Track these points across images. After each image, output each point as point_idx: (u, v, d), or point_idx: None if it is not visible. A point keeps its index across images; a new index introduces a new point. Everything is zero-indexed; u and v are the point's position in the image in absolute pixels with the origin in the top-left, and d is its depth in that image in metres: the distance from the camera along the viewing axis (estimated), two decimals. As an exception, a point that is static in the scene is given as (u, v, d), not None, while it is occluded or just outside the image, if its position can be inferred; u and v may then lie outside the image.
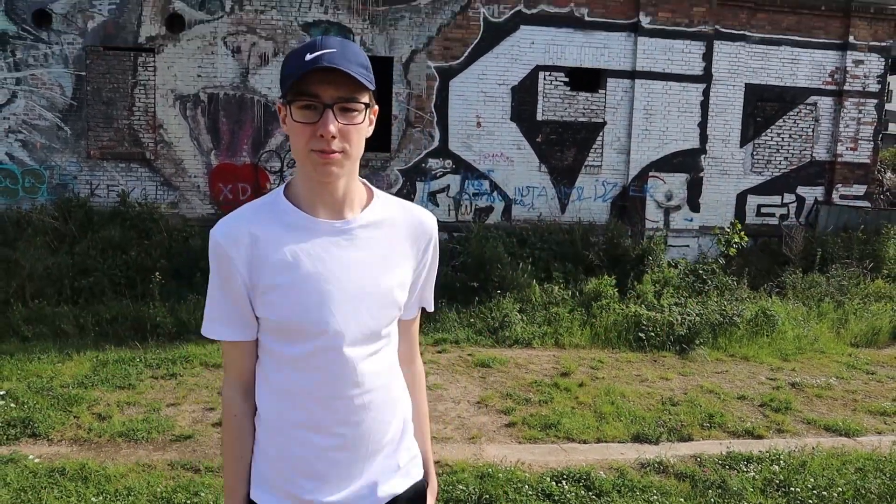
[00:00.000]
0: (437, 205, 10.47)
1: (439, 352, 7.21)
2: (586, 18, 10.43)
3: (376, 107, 1.48)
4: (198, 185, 10.38)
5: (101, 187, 10.40)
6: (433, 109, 10.28)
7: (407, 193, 10.34)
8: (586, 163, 10.71)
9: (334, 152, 1.40)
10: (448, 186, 10.49)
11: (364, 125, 1.45)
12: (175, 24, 10.15)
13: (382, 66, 10.45)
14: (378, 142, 11.15)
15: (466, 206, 10.55)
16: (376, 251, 1.53)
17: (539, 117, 10.53)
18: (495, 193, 10.58)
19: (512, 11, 10.27)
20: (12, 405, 5.37)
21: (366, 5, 10.06)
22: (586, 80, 10.76)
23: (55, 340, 7.32)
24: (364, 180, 1.57)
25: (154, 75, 10.23)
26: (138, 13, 10.10)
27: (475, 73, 10.30)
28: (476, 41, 10.24)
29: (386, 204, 1.58)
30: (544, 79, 10.46)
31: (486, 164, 10.47)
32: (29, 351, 6.93)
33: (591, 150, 10.71)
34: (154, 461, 4.54)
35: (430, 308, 1.75)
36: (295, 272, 1.45)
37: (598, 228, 10.24)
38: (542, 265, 9.37)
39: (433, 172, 10.42)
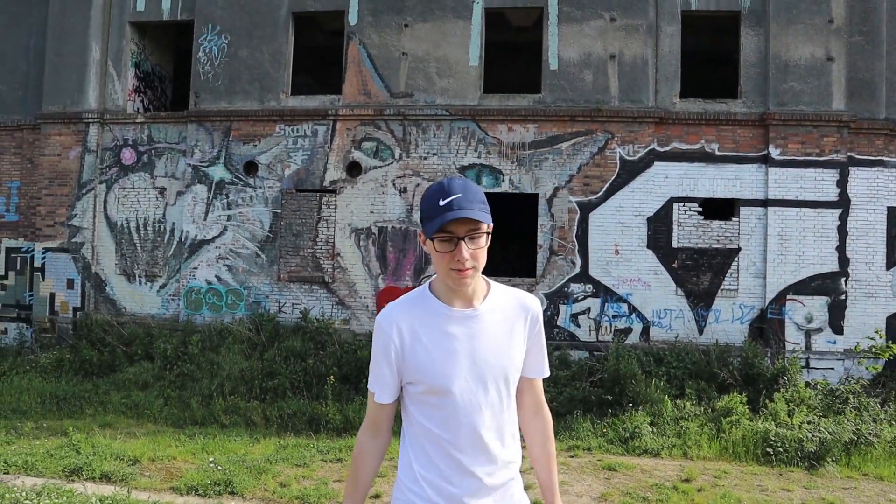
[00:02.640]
0: (579, 326, 12.18)
1: (571, 456, 8.66)
2: (717, 153, 12.12)
3: (491, 226, 2.17)
4: (367, 304, 12.84)
5: (287, 305, 13.15)
6: (574, 239, 12.24)
7: (551, 315, 12.16)
8: (722, 287, 12.06)
9: (468, 269, 2.11)
10: (589, 309, 12.21)
11: (485, 246, 2.15)
12: (353, 169, 13.03)
13: (528, 201, 12.69)
14: (525, 268, 13.25)
15: (606, 328, 12.17)
16: (497, 328, 2.25)
17: (674, 244, 12.13)
18: (634, 316, 12.15)
19: (646, 150, 12.21)
20: (218, 469, 7.58)
21: (513, 150, 12.43)
22: (719, 208, 12.33)
23: (246, 428, 9.66)
24: (484, 276, 2.29)
25: (335, 212, 13.06)
26: (325, 162, 13.10)
27: (613, 205, 12.20)
28: (613, 177, 12.22)
29: (501, 293, 2.32)
30: (678, 209, 12.14)
31: (624, 289, 12.14)
32: (227, 434, 9.30)
33: (727, 275, 12.06)
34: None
35: (546, 374, 2.46)
36: (435, 344, 2.20)
37: (735, 350, 11.44)
38: (676, 383, 10.72)
39: (575, 296, 12.22)
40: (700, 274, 12.08)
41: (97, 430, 9.19)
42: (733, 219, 12.13)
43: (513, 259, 15.57)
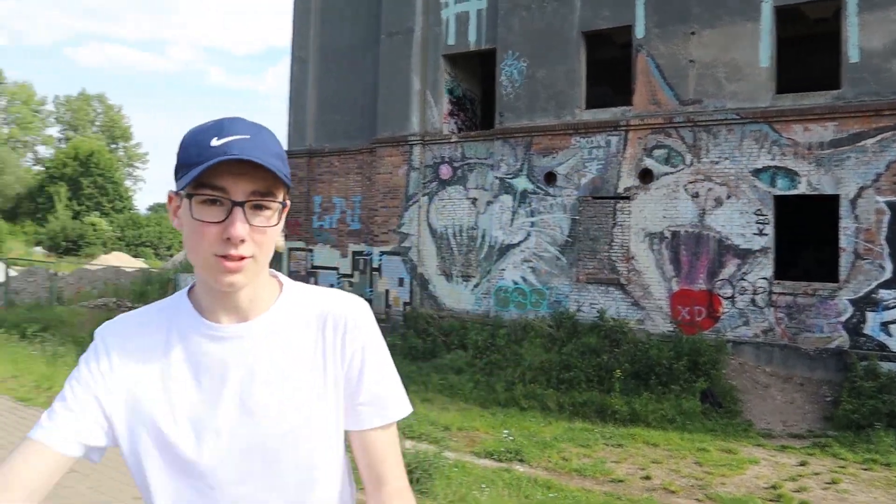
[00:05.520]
0: (890, 335, 11.96)
1: (864, 469, 9.08)
2: None
3: (289, 204, 1.39)
4: (661, 306, 13.96)
5: (585, 305, 14.79)
6: (883, 242, 12.03)
7: (857, 322, 12.14)
8: None
9: (242, 258, 1.28)
10: (901, 315, 11.98)
11: (278, 227, 1.36)
12: (646, 176, 14.17)
13: (827, 203, 12.75)
14: (824, 272, 13.29)
15: (923, 336, 11.83)
16: (282, 355, 1.40)
17: None
18: (958, 323, 11.65)
19: (971, 142, 11.55)
20: (511, 439, 9.53)
21: (810, 150, 12.55)
22: None
23: (541, 411, 11.57)
24: (274, 272, 1.49)
25: (629, 217, 14.33)
26: (617, 170, 14.42)
27: (929, 204, 11.78)
28: (930, 174, 11.79)
29: (298, 298, 1.47)
30: None
31: (944, 294, 11.69)
32: (523, 416, 11.29)
33: None
34: (594, 488, 7.95)
35: (399, 411, 1.46)
36: (175, 380, 1.38)
37: None
38: None
39: (885, 303, 12.02)
40: None
41: (419, 403, 11.76)
42: None
43: (812, 263, 15.41)
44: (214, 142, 1.27)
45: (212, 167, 1.25)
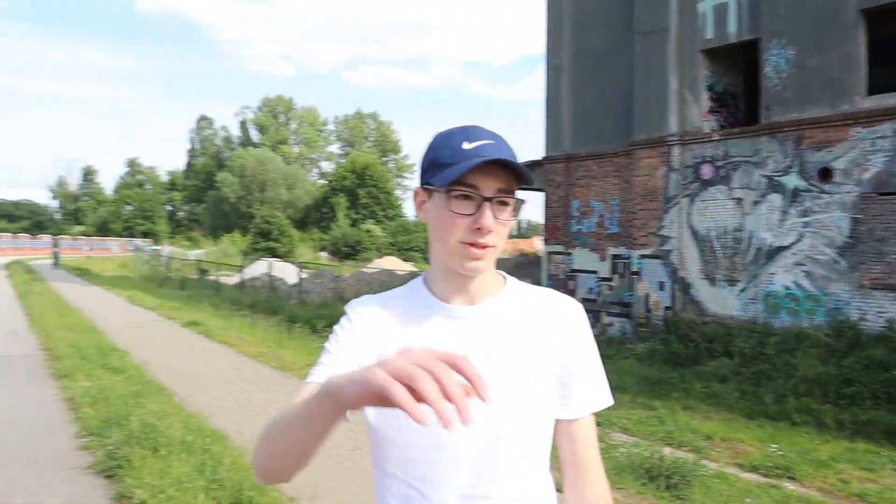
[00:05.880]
0: None
1: None
2: None
3: (525, 200, 1.57)
4: (965, 314, 12.33)
5: (870, 313, 13.45)
6: None
7: None
8: None
9: (487, 246, 1.51)
10: None
11: (511, 223, 1.56)
12: (944, 167, 12.60)
13: None
14: None
15: None
16: (510, 338, 1.57)
17: None
18: None
19: None
20: (780, 454, 8.86)
21: None
22: None
23: (816, 428, 10.64)
24: (500, 271, 1.70)
25: (922, 214, 12.84)
26: (908, 161, 12.98)
27: None
28: None
29: (520, 291, 1.67)
30: None
31: None
32: (795, 431, 10.46)
33: None
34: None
35: (605, 402, 1.66)
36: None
37: None
38: None
39: None
40: None
41: (679, 410, 11.49)
42: None
43: None
44: (465, 145, 1.49)
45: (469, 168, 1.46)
